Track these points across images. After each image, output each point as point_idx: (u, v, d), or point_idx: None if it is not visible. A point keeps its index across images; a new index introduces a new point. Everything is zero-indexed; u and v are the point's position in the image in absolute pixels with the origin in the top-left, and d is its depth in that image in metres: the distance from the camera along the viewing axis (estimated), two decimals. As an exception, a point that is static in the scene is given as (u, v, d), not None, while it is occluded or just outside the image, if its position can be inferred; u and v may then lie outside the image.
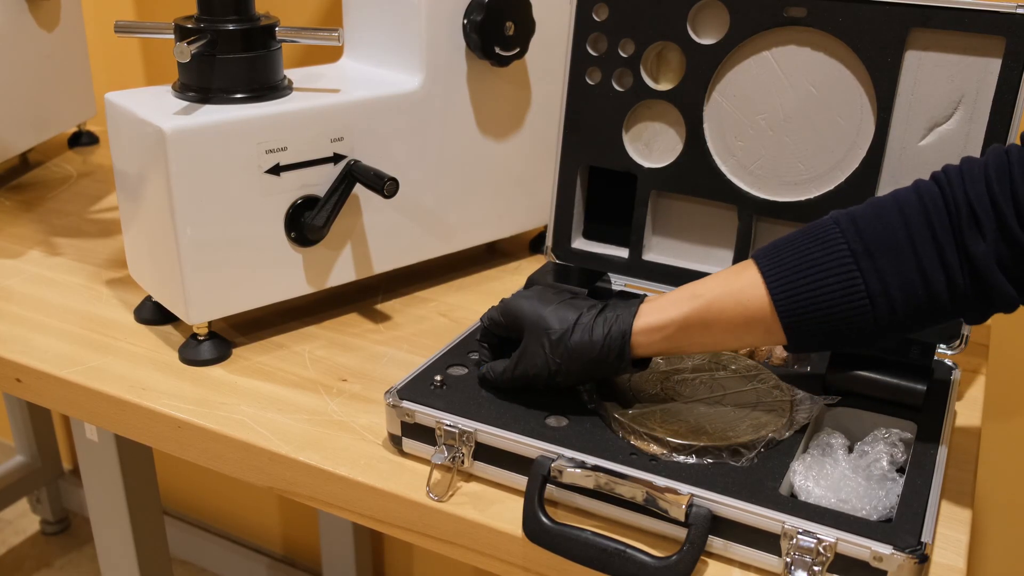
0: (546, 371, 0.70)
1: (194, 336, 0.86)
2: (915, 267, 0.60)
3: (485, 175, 1.00)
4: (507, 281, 1.03)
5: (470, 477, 0.71)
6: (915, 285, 0.61)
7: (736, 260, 0.87)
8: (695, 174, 0.87)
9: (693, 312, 0.66)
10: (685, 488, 0.63)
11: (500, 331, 0.75)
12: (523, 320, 0.71)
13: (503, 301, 0.74)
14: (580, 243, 0.95)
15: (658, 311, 0.67)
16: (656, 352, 0.68)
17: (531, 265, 1.06)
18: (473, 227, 1.01)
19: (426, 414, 0.71)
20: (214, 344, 0.86)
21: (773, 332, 0.64)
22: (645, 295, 0.70)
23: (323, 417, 0.78)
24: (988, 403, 0.86)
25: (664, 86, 0.88)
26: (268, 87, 0.85)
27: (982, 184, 0.59)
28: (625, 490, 0.64)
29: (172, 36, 0.85)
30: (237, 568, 1.85)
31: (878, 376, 0.74)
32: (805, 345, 0.65)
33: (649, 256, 0.92)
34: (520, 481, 0.68)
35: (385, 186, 0.84)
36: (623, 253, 0.92)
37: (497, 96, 0.98)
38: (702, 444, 0.67)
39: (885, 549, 0.57)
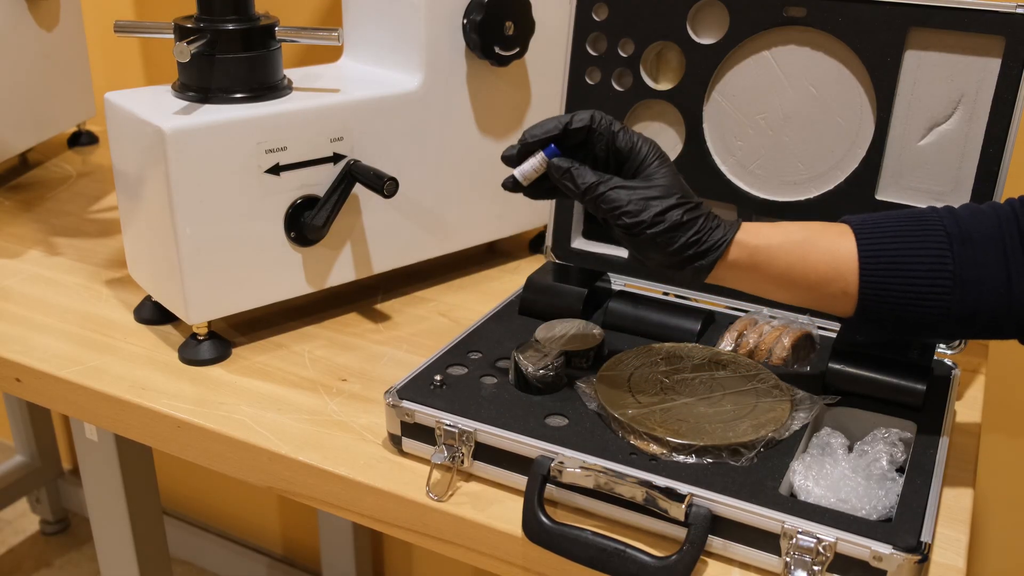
0: (637, 225, 0.65)
1: (194, 336, 0.86)
2: (1003, 266, 0.62)
3: (485, 175, 1.00)
4: (507, 281, 1.03)
5: (470, 477, 0.71)
6: (999, 283, 0.62)
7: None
8: (695, 174, 0.87)
9: (787, 243, 0.65)
10: (685, 488, 0.63)
11: (607, 138, 0.67)
12: (646, 165, 0.66)
13: (629, 129, 0.68)
14: (580, 243, 0.95)
15: (755, 232, 0.66)
16: (733, 276, 0.67)
17: (531, 265, 1.06)
18: (473, 227, 1.01)
19: (426, 414, 0.71)
20: (214, 344, 0.86)
21: (847, 294, 0.65)
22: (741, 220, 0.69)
23: (323, 417, 0.78)
24: (988, 403, 0.86)
25: (664, 86, 0.88)
26: (268, 87, 0.85)
27: None
28: (625, 490, 0.64)
29: (172, 36, 0.85)
30: (237, 568, 1.85)
31: (878, 376, 0.74)
32: (870, 314, 0.65)
33: (649, 256, 0.92)
34: (520, 481, 0.68)
35: (385, 186, 0.84)
36: (623, 253, 0.92)
37: (497, 96, 0.98)
38: (702, 444, 0.67)
39: (885, 549, 0.57)
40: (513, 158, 0.69)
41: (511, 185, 0.69)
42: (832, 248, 0.65)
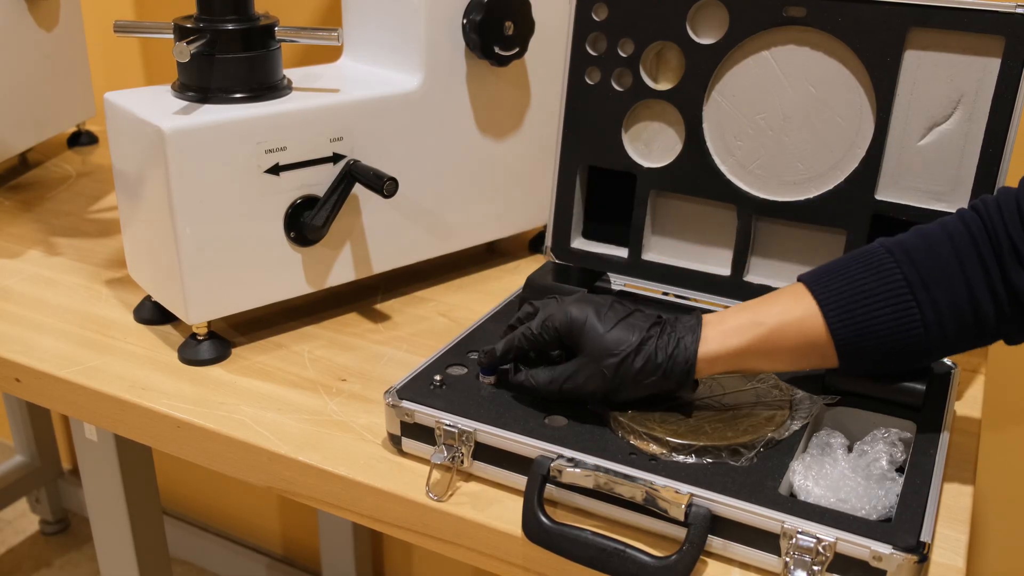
0: (602, 391, 0.69)
1: (193, 336, 0.86)
2: (967, 297, 0.63)
3: (485, 175, 1.00)
4: (507, 281, 1.03)
5: (470, 477, 0.71)
6: (966, 314, 0.63)
7: (735, 260, 0.87)
8: (694, 174, 0.87)
9: (755, 340, 0.67)
10: (685, 488, 0.63)
11: (540, 347, 0.71)
12: (580, 337, 0.69)
13: (545, 310, 0.71)
14: (579, 243, 0.95)
15: (721, 338, 0.67)
16: (714, 373, 0.69)
17: (530, 265, 1.06)
18: (473, 227, 1.01)
19: (426, 414, 0.71)
20: (213, 344, 0.86)
21: (828, 358, 0.67)
22: (701, 312, 0.70)
23: (323, 417, 0.78)
24: (987, 402, 0.86)
25: (663, 86, 0.88)
26: (267, 87, 0.85)
27: (1016, 214, 0.62)
28: (625, 490, 0.64)
29: (171, 36, 0.85)
30: (237, 568, 1.85)
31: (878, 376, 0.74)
32: (856, 369, 0.68)
33: (648, 256, 0.92)
34: (520, 481, 0.68)
35: (384, 186, 0.84)
36: (622, 253, 0.92)
37: (496, 96, 0.98)
38: (701, 444, 0.67)
39: (884, 549, 0.57)
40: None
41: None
42: (801, 328, 0.66)
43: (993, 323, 0.63)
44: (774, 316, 0.67)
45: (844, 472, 0.66)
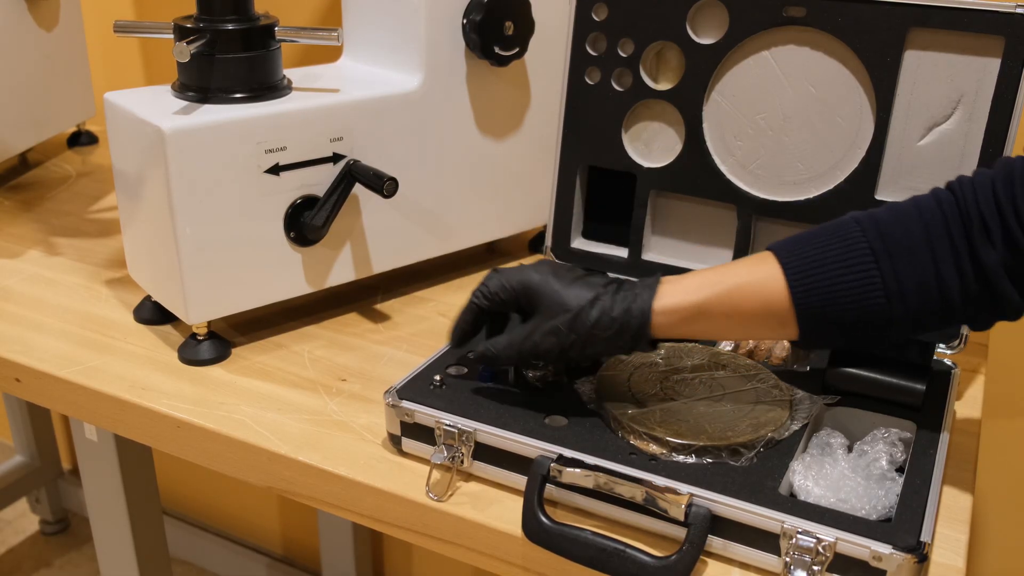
0: (558, 348, 0.69)
1: (193, 336, 0.86)
2: (933, 272, 0.62)
3: (485, 175, 1.00)
4: (506, 281, 1.02)
5: (469, 477, 0.71)
6: (931, 289, 0.62)
7: (735, 260, 0.87)
8: (694, 174, 0.87)
9: (714, 297, 0.66)
10: (684, 488, 0.63)
11: (498, 306, 0.72)
12: (537, 296, 0.69)
13: (503, 273, 0.72)
14: (579, 243, 0.95)
15: (680, 293, 0.67)
16: (672, 335, 0.68)
17: (530, 265, 1.06)
18: (473, 227, 1.01)
19: (426, 414, 0.71)
20: (213, 344, 0.86)
21: (787, 325, 0.65)
22: (660, 275, 0.69)
23: (323, 417, 0.78)
24: (987, 402, 0.86)
25: (663, 86, 0.88)
26: (267, 87, 0.85)
27: (990, 193, 0.61)
28: (625, 490, 0.64)
29: (171, 36, 0.85)
30: (237, 568, 1.85)
31: (877, 376, 0.74)
32: (816, 340, 0.66)
33: (648, 256, 0.92)
34: (519, 481, 0.68)
35: (384, 186, 0.84)
36: (622, 253, 0.92)
37: (496, 96, 0.98)
38: (701, 444, 0.67)
39: (884, 549, 0.57)
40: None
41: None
42: (762, 290, 0.65)
43: (959, 301, 0.62)
44: (735, 276, 0.66)
45: (844, 472, 0.66)
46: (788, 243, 0.66)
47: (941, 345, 0.80)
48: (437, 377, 0.74)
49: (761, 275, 0.65)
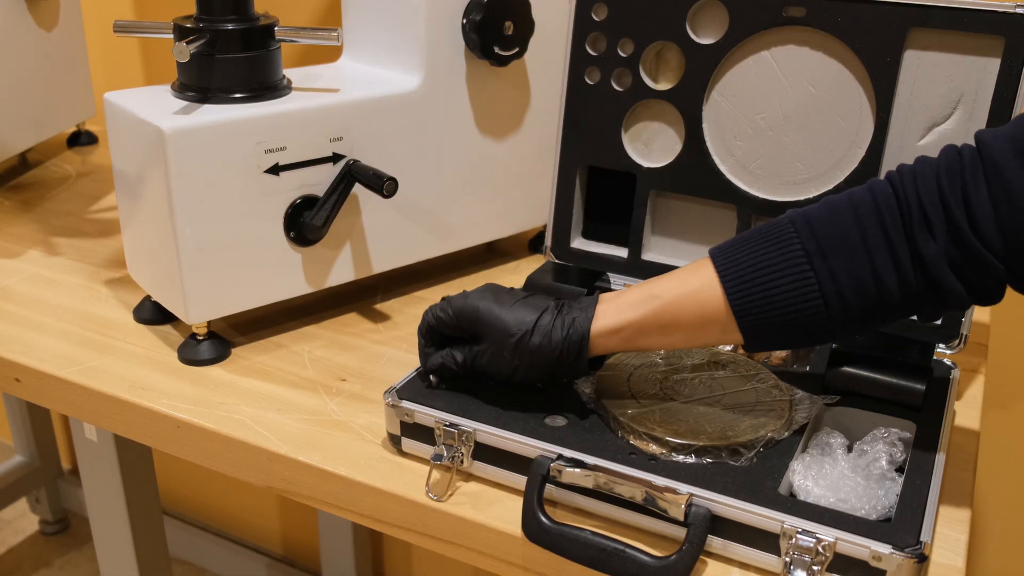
0: (506, 371, 0.71)
1: (193, 336, 0.86)
2: (868, 267, 0.61)
3: (484, 175, 1.00)
4: (506, 280, 1.02)
5: (469, 477, 0.71)
6: (867, 285, 0.61)
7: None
8: (694, 174, 0.87)
9: (651, 313, 0.66)
10: (684, 488, 0.63)
11: (447, 330, 0.74)
12: (480, 323, 0.71)
13: (450, 301, 0.73)
14: (579, 243, 0.95)
15: (615, 312, 0.68)
16: (614, 351, 0.69)
17: (530, 265, 1.06)
18: (472, 227, 1.01)
19: (425, 414, 0.71)
20: (213, 344, 0.86)
21: (729, 331, 0.65)
22: (599, 293, 0.70)
23: (322, 417, 0.78)
24: (987, 402, 0.86)
25: (663, 86, 0.88)
26: (267, 87, 0.85)
27: (933, 184, 0.60)
28: (624, 490, 0.64)
29: (171, 36, 0.85)
30: (236, 568, 1.85)
31: (877, 376, 0.74)
32: (762, 344, 0.66)
33: (648, 256, 0.92)
34: (519, 481, 0.68)
35: (384, 186, 0.84)
36: (622, 253, 0.92)
37: (496, 96, 0.98)
38: (701, 444, 0.67)
39: (884, 548, 0.57)
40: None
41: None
42: (699, 300, 0.65)
43: (897, 295, 0.61)
44: (671, 289, 0.66)
45: (844, 472, 0.66)
46: (725, 248, 0.66)
47: (941, 345, 0.80)
48: (433, 379, 0.74)
49: (698, 283, 0.65)
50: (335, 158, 0.87)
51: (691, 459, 0.66)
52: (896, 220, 0.61)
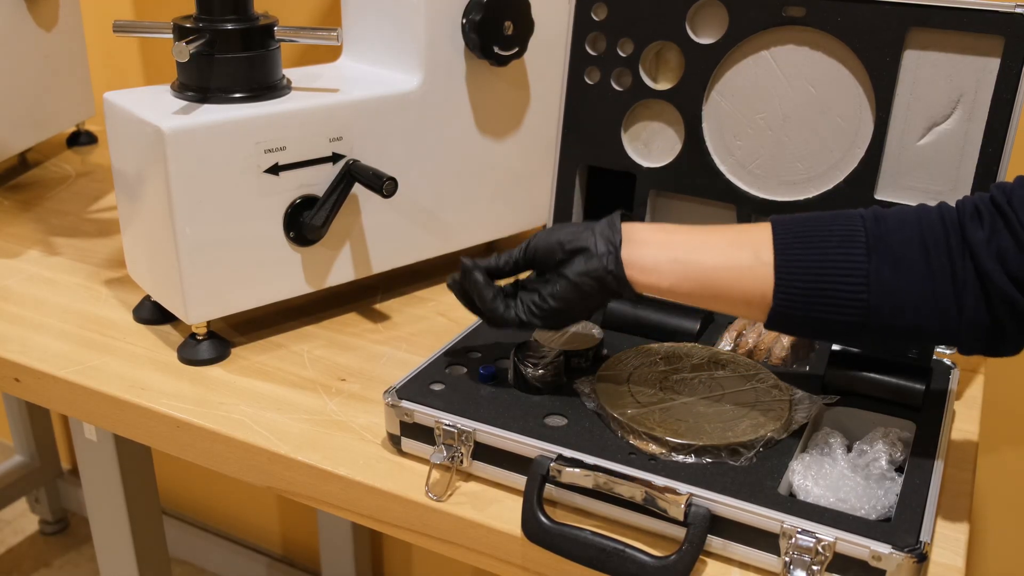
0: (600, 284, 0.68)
1: (193, 336, 0.86)
2: (927, 277, 0.60)
3: (484, 175, 1.00)
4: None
5: (469, 477, 0.71)
6: (920, 294, 0.60)
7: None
8: (694, 174, 0.87)
9: (683, 280, 0.65)
10: (684, 487, 0.63)
11: (514, 271, 0.73)
12: (566, 247, 0.69)
13: (524, 244, 0.72)
14: (579, 243, 0.95)
15: (652, 274, 0.67)
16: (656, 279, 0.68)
17: (530, 265, 1.06)
18: (472, 227, 1.01)
19: (425, 414, 0.71)
20: (213, 344, 0.86)
21: (757, 314, 0.65)
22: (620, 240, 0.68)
23: (322, 417, 0.78)
24: (987, 402, 0.86)
25: (663, 86, 0.88)
26: (267, 87, 0.85)
27: (986, 194, 0.60)
28: (624, 490, 0.64)
29: (171, 36, 0.85)
30: (236, 568, 1.85)
31: (877, 376, 0.74)
32: (783, 331, 0.66)
33: (648, 256, 0.92)
34: (519, 481, 0.68)
35: (384, 186, 0.84)
36: (622, 253, 0.92)
37: (496, 96, 0.98)
38: (701, 444, 0.67)
39: (884, 548, 0.57)
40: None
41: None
42: (743, 280, 0.64)
43: (949, 321, 0.60)
44: (715, 256, 0.65)
45: (843, 472, 0.66)
46: (789, 237, 0.63)
47: (941, 345, 0.80)
48: (436, 377, 0.74)
49: (748, 262, 0.63)
50: (335, 158, 0.87)
51: (691, 459, 0.66)
52: (959, 244, 0.60)
